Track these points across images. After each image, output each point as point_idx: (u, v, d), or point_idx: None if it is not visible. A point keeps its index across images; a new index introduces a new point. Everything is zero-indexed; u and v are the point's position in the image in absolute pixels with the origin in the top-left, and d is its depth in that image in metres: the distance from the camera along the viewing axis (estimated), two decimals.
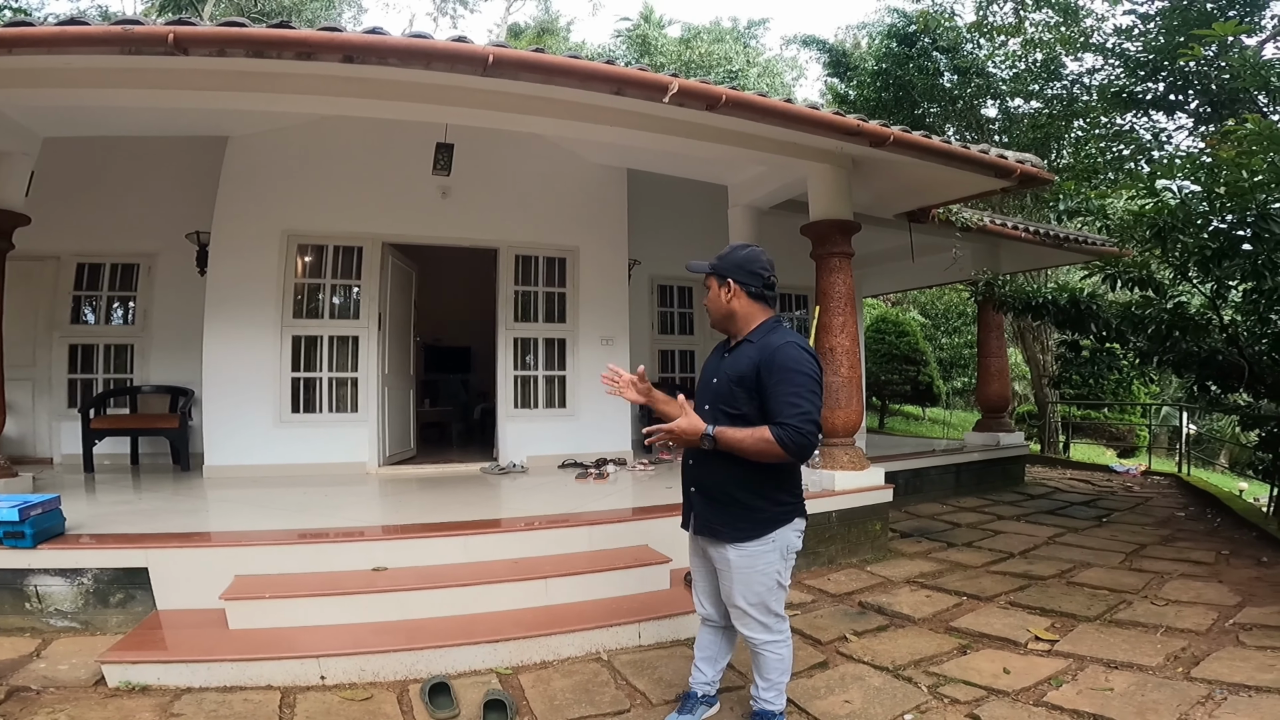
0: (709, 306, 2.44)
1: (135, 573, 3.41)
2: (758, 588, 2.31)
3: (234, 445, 6.03)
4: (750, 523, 2.29)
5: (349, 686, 2.91)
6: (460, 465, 6.75)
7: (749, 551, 2.28)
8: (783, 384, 2.16)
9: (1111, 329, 6.74)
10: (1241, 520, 6.22)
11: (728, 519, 2.30)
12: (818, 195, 5.36)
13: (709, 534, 2.37)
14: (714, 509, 2.33)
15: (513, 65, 3.70)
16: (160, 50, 3.36)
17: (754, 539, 2.28)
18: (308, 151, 6.39)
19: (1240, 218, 5.02)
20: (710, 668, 2.63)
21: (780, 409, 2.14)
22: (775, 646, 2.40)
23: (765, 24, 27.69)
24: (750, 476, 2.25)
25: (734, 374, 2.29)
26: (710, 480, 2.33)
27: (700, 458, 2.33)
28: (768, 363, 2.19)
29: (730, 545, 2.30)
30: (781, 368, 2.17)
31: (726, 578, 2.35)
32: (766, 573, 2.31)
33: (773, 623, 2.37)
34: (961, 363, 17.18)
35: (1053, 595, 4.10)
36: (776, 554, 2.31)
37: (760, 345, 2.26)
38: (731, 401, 2.27)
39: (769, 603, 2.34)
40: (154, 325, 6.97)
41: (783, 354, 2.20)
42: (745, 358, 2.28)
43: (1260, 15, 7.34)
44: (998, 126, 12.40)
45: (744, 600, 2.33)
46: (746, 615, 2.35)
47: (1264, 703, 2.67)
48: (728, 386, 2.29)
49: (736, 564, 2.30)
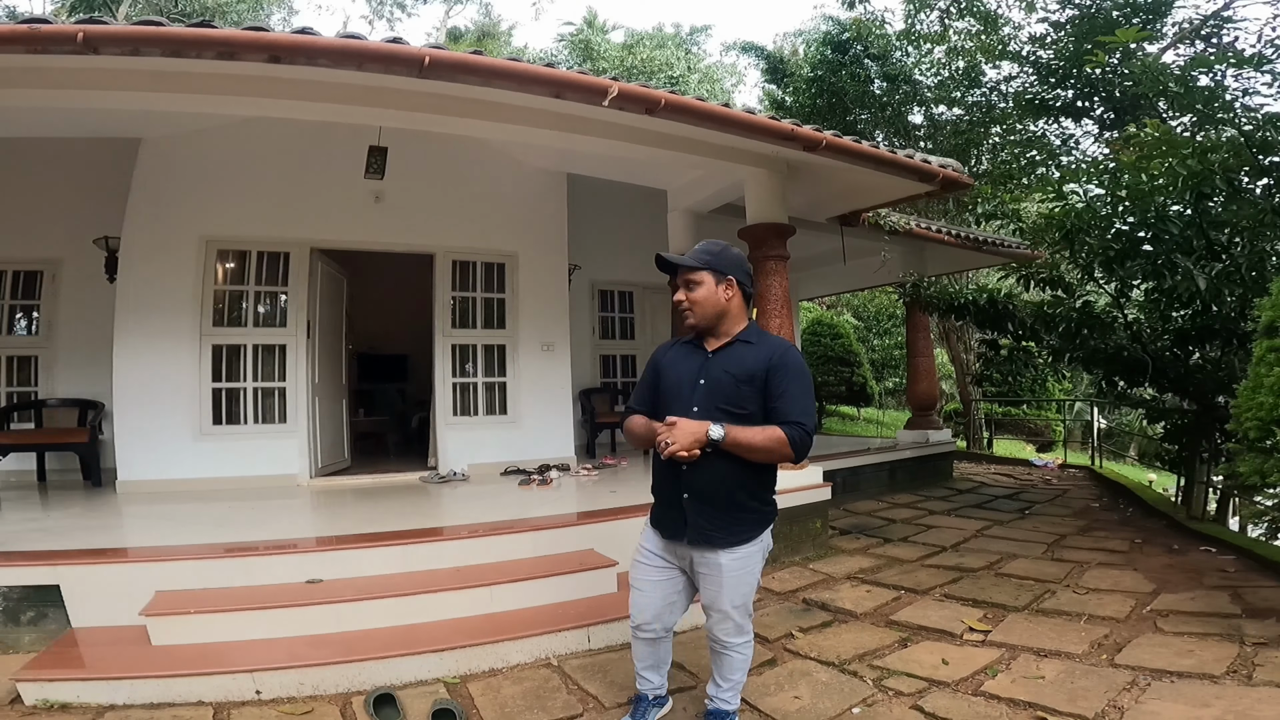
0: (698, 304, 2.32)
1: (47, 590, 3.22)
2: (744, 590, 2.34)
3: (150, 459, 5.70)
4: (746, 526, 2.30)
5: (287, 700, 2.79)
6: (398, 475, 6.56)
7: (741, 555, 2.29)
8: (794, 386, 2.22)
9: (1027, 328, 7.09)
10: (1152, 510, 6.59)
11: (726, 524, 2.27)
12: (754, 199, 5.47)
13: (704, 542, 2.30)
14: (712, 515, 2.27)
15: (449, 67, 3.64)
16: (69, 49, 3.17)
17: (747, 542, 2.30)
18: (229, 154, 6.11)
19: (1141, 220, 5.36)
20: (656, 674, 2.61)
21: (790, 410, 2.19)
22: (744, 648, 2.44)
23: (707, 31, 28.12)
24: (751, 478, 2.27)
25: (742, 374, 2.25)
26: (712, 485, 2.25)
27: (699, 463, 2.21)
28: (780, 364, 2.23)
29: (724, 551, 2.28)
30: (793, 371, 2.24)
31: (714, 583, 2.32)
32: (754, 573, 2.35)
33: (746, 624, 2.41)
34: (893, 363, 17.78)
35: (983, 587, 4.26)
36: (760, 555, 2.36)
37: (765, 346, 2.29)
38: (739, 401, 2.24)
39: (749, 604, 2.39)
40: (59, 335, 6.54)
41: (791, 357, 2.28)
42: (751, 358, 2.27)
43: (1161, 23, 7.87)
44: (923, 133, 12.93)
45: (730, 604, 2.32)
46: (729, 619, 2.35)
47: (1186, 688, 2.79)
48: (735, 387, 2.25)
49: (729, 569, 2.28)
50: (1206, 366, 6.11)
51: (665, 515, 2.39)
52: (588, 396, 8.06)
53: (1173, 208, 5.23)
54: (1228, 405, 4.47)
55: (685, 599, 2.51)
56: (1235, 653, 3.09)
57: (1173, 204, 5.22)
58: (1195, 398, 6.39)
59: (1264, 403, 3.58)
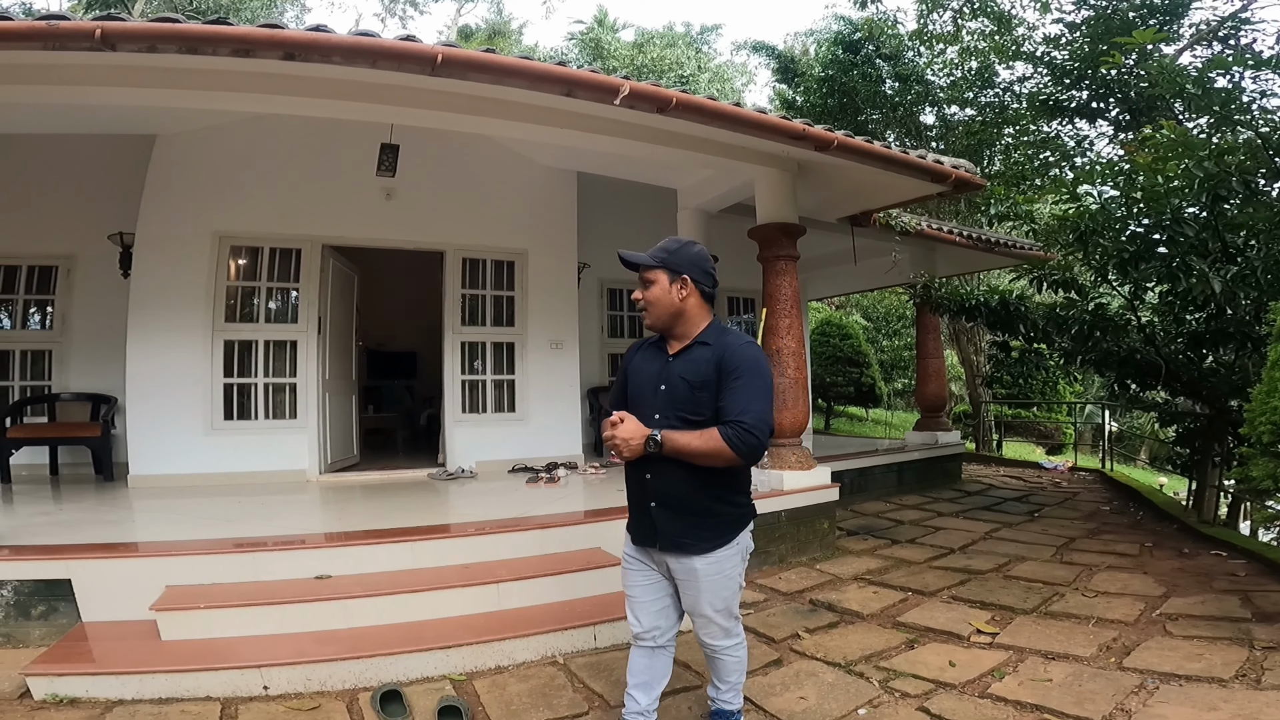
0: (653, 303, 2.24)
1: (57, 584, 3.24)
2: (724, 593, 2.28)
3: (161, 454, 5.75)
4: (717, 530, 2.23)
5: (295, 696, 2.81)
6: (407, 471, 6.59)
7: (716, 559, 2.22)
8: (739, 383, 2.10)
9: (1038, 330, 7.05)
10: (1163, 513, 6.54)
11: (695, 530, 2.21)
12: (765, 199, 5.46)
13: (675, 549, 2.24)
14: (680, 522, 2.21)
15: (462, 65, 3.64)
16: (86, 46, 3.19)
17: (721, 546, 2.23)
18: (243, 151, 6.16)
19: (1156, 222, 5.31)
20: (645, 695, 2.39)
21: (732, 408, 2.08)
22: (735, 650, 2.40)
23: (717, 30, 28.14)
24: (713, 482, 2.18)
25: (695, 379, 2.18)
26: (674, 492, 2.19)
27: (659, 470, 2.18)
28: (727, 363, 2.14)
29: (698, 556, 2.22)
30: (740, 368, 2.13)
31: (692, 588, 2.26)
32: (732, 576, 2.28)
33: (733, 626, 2.36)
34: (901, 364, 17.71)
35: (991, 589, 4.23)
36: (739, 557, 2.29)
37: (718, 346, 2.19)
38: (695, 408, 2.16)
39: (732, 607, 2.34)
40: (73, 330, 6.59)
41: (742, 354, 2.16)
42: (704, 361, 2.18)
43: (1178, 24, 7.79)
44: (935, 133, 12.86)
45: (711, 608, 2.28)
46: (711, 623, 2.31)
47: (1194, 691, 2.78)
48: (690, 393, 2.17)
49: (704, 573, 2.22)
50: (1220, 370, 6.06)
51: (638, 523, 2.34)
52: (596, 395, 8.06)
53: (1188, 210, 5.18)
54: (1241, 409, 4.44)
55: (677, 603, 2.39)
56: (1244, 656, 3.07)
57: (1188, 206, 5.17)
58: (1208, 401, 6.33)
59: (1278, 407, 3.55)
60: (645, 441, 2.09)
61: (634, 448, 2.10)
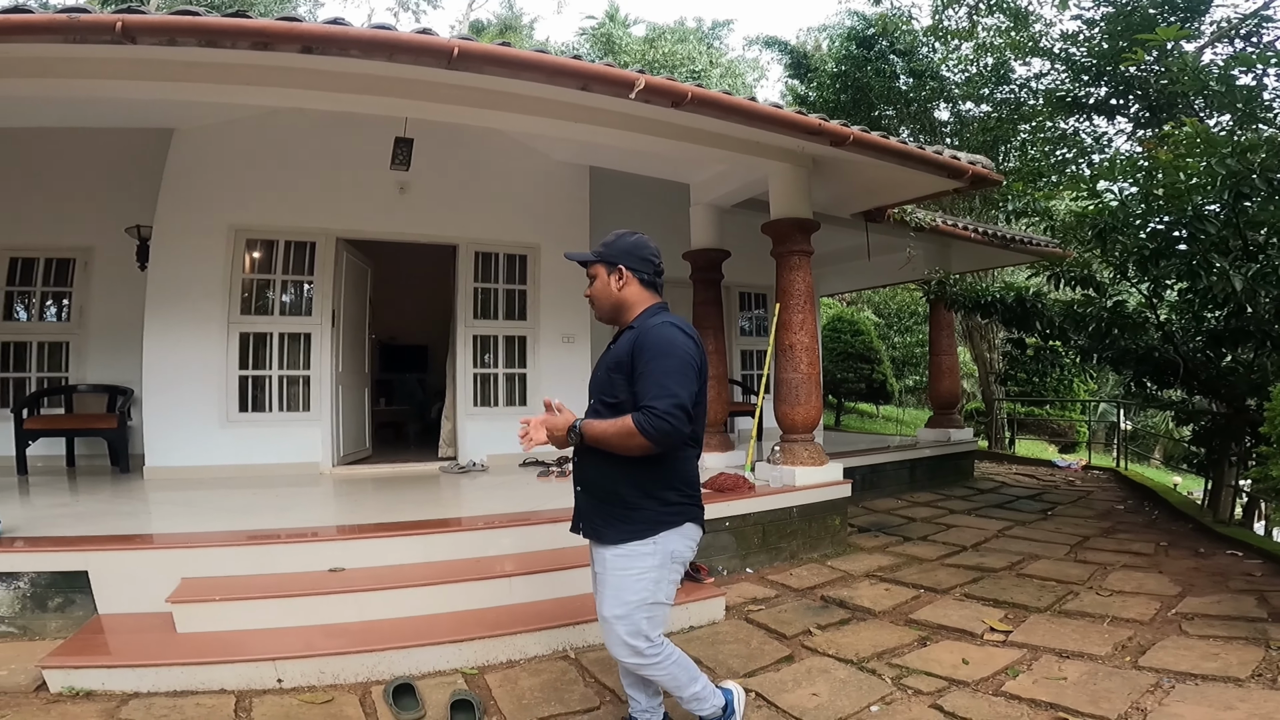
0: (595, 297, 2.24)
1: (74, 576, 3.26)
2: (629, 596, 2.08)
3: (177, 446, 5.81)
4: (632, 522, 2.09)
5: (308, 689, 2.82)
6: (418, 464, 6.63)
7: (625, 552, 2.08)
8: (651, 364, 1.99)
9: (1055, 327, 6.98)
10: (1178, 513, 6.48)
11: (609, 517, 2.12)
12: (778, 194, 5.43)
13: (592, 535, 2.19)
14: (596, 507, 2.16)
15: (478, 59, 3.64)
16: (107, 39, 3.21)
17: (632, 539, 2.08)
18: (259, 144, 6.19)
19: (1176, 219, 5.24)
20: (641, 693, 2.34)
21: (645, 391, 1.97)
22: (653, 670, 2.15)
23: (729, 25, 27.97)
24: (634, 472, 2.07)
25: (612, 360, 2.13)
26: (593, 476, 2.16)
27: (584, 455, 2.17)
28: (640, 343, 2.04)
29: (609, 546, 2.11)
30: (652, 348, 2.01)
31: (601, 584, 2.16)
32: (641, 578, 2.08)
33: (643, 646, 2.10)
34: (913, 361, 17.62)
35: (1004, 587, 4.21)
36: (656, 559, 2.09)
37: (639, 329, 2.11)
38: (610, 389, 2.11)
39: (638, 620, 2.09)
40: (91, 322, 6.67)
41: (655, 334, 2.04)
42: (624, 343, 2.12)
43: (1199, 21, 7.68)
44: (949, 129, 12.76)
45: (611, 612, 2.09)
46: (613, 631, 2.10)
47: (1210, 691, 2.75)
48: (607, 375, 2.14)
49: (611, 565, 2.10)
50: (1239, 369, 5.99)
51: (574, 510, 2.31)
52: None
53: (1209, 207, 5.11)
54: (1259, 408, 4.38)
55: None
56: (1260, 656, 3.04)
57: (1209, 203, 5.09)
58: (1226, 400, 6.26)
59: None
60: (567, 433, 2.07)
61: (557, 439, 2.09)
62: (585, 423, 2.06)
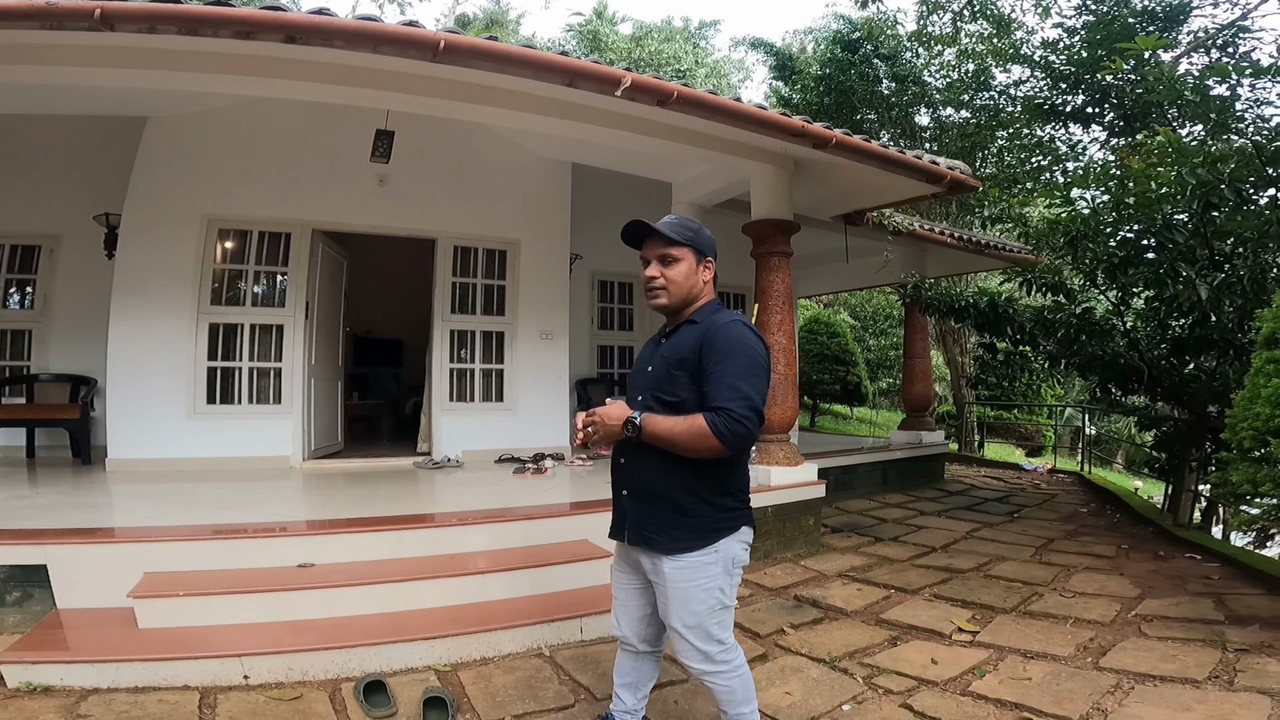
0: (674, 282, 2.07)
1: (33, 570, 3.18)
2: (696, 607, 2.00)
3: (142, 437, 5.67)
4: (690, 531, 1.99)
5: (276, 686, 2.77)
6: (392, 459, 6.55)
7: (687, 564, 1.98)
8: (724, 364, 1.90)
9: (1025, 332, 7.11)
10: (1139, 516, 6.63)
11: (663, 525, 2.00)
12: (760, 195, 5.45)
13: (643, 544, 2.05)
14: (648, 515, 2.03)
15: (465, 52, 3.60)
16: (85, 25, 3.12)
17: (694, 550, 1.99)
18: (235, 134, 6.06)
19: (1146, 228, 5.37)
20: (630, 695, 2.31)
21: (718, 392, 1.87)
22: (721, 679, 2.07)
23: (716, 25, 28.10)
24: (690, 476, 1.97)
25: (673, 357, 2.02)
26: (644, 481, 2.04)
27: (632, 456, 2.04)
28: (709, 341, 1.95)
29: (666, 557, 2.00)
30: (725, 347, 1.92)
31: (662, 594, 2.05)
32: (708, 589, 2.00)
33: (715, 651, 2.04)
34: (888, 363, 17.83)
35: (972, 588, 4.28)
36: (719, 568, 2.01)
37: (705, 325, 2.02)
38: (669, 387, 2.00)
39: (709, 627, 2.03)
40: (55, 310, 6.48)
41: (727, 332, 1.95)
42: (687, 338, 2.02)
43: (1177, 31, 7.85)
44: (929, 134, 12.93)
45: (680, 622, 2.02)
46: (683, 640, 2.04)
47: (1168, 692, 2.82)
48: (665, 370, 2.03)
49: (673, 578, 2.00)
50: (1201, 376, 6.14)
51: (614, 513, 2.20)
52: (584, 386, 8.04)
53: (1178, 216, 5.24)
54: (1220, 415, 4.50)
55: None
56: (1218, 658, 3.12)
57: (1178, 213, 5.22)
58: (1188, 406, 6.42)
59: (1260, 413, 3.61)
60: (624, 424, 1.92)
61: (610, 430, 1.94)
62: (646, 416, 1.91)
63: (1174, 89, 6.03)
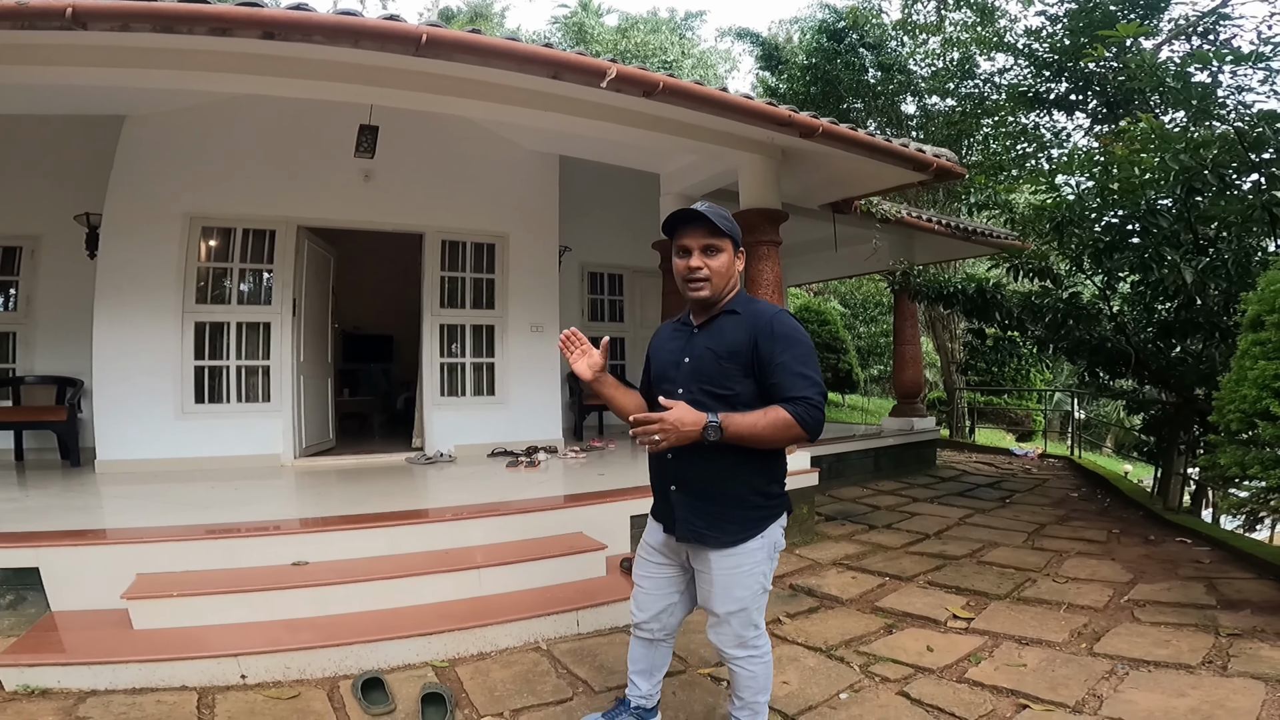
0: (718, 273, 2.03)
1: (25, 573, 3.16)
2: (741, 593, 2.06)
3: (130, 438, 5.61)
4: (742, 523, 2.04)
5: (273, 685, 2.77)
6: (384, 456, 6.52)
7: (736, 553, 2.04)
8: (790, 355, 1.92)
9: (1013, 318, 7.15)
10: (1129, 500, 6.70)
11: (719, 519, 2.04)
12: (748, 185, 5.44)
13: (694, 539, 2.08)
14: (701, 510, 2.05)
15: (447, 46, 3.57)
16: (57, 24, 3.07)
17: (744, 540, 2.04)
18: (216, 131, 5.97)
19: (1130, 213, 5.40)
20: (645, 681, 2.38)
21: (790, 384, 1.89)
22: (750, 663, 2.14)
23: (702, 16, 27.97)
24: (745, 469, 2.00)
25: (723, 349, 1.99)
26: (702, 476, 2.04)
27: (685, 451, 1.95)
28: (766, 331, 1.95)
29: (715, 551, 2.05)
30: (785, 337, 1.94)
31: (707, 582, 2.11)
32: (753, 574, 2.07)
33: (751, 636, 2.12)
34: (878, 351, 17.90)
35: (966, 574, 4.31)
36: (765, 553, 2.08)
37: (750, 314, 2.02)
38: (721, 380, 1.99)
39: (751, 611, 2.10)
40: (38, 312, 6.41)
41: (782, 321, 1.98)
42: (735, 330, 2.01)
43: (1158, 18, 7.89)
44: (915, 123, 12.93)
45: (723, 609, 2.08)
46: (725, 625, 2.10)
47: (1163, 677, 2.83)
48: (716, 364, 1.99)
49: (721, 568, 2.06)
50: (1188, 359, 6.19)
51: (659, 508, 2.22)
52: (576, 379, 8.01)
53: (1162, 202, 5.27)
54: (1208, 398, 4.54)
55: (688, 600, 2.30)
56: (1210, 643, 3.14)
57: (1162, 198, 5.25)
58: (1176, 390, 6.47)
59: (1247, 395, 3.63)
60: (704, 429, 1.83)
61: (686, 434, 1.84)
62: (726, 417, 1.85)
63: (1156, 76, 6.07)
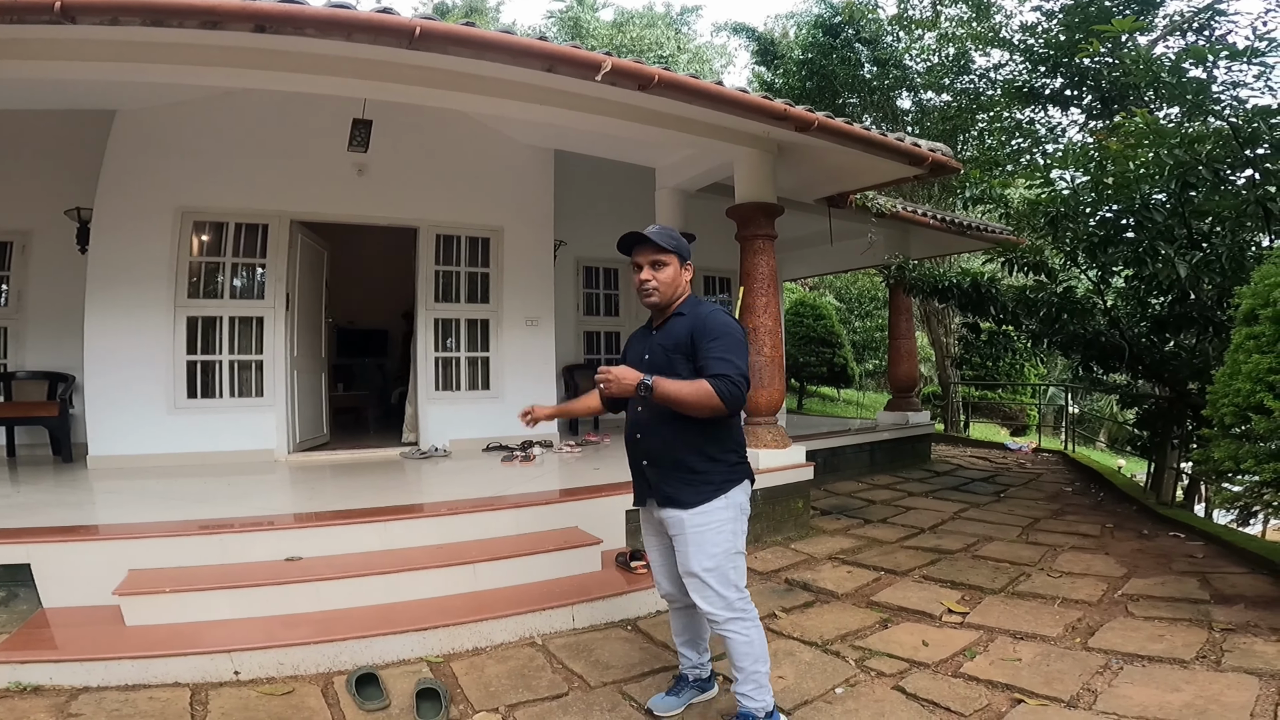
0: (665, 284, 2.44)
1: (16, 569, 3.14)
2: (713, 550, 2.33)
3: (122, 434, 5.58)
4: (708, 484, 2.35)
5: (267, 681, 2.76)
6: (378, 450, 6.50)
7: (704, 510, 2.33)
8: (715, 343, 2.29)
9: (1008, 312, 7.16)
10: (1122, 495, 6.70)
11: (684, 484, 2.36)
12: (744, 179, 5.42)
13: (669, 503, 2.38)
14: (668, 476, 2.38)
15: (441, 38, 3.54)
16: (45, 19, 3.03)
17: (710, 499, 2.34)
18: (208, 126, 5.93)
19: (1125, 208, 5.41)
20: (693, 650, 2.66)
21: (714, 365, 2.25)
22: (738, 625, 2.35)
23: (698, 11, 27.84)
24: (700, 439, 2.34)
25: (670, 344, 2.39)
26: (661, 448, 2.39)
27: (648, 429, 2.41)
28: (701, 326, 2.34)
29: (687, 510, 2.34)
30: (714, 329, 2.32)
31: (682, 543, 2.37)
32: (722, 531, 2.35)
33: (734, 598, 2.36)
34: (873, 345, 17.90)
35: (961, 569, 4.31)
36: (730, 514, 2.37)
37: (692, 315, 2.41)
38: (669, 371, 2.32)
39: (727, 570, 2.35)
40: (29, 307, 6.36)
41: (714, 318, 2.37)
42: (680, 328, 2.40)
43: (1153, 14, 7.89)
44: (911, 118, 12.94)
45: (700, 565, 2.33)
46: (705, 586, 2.34)
47: (1157, 672, 2.84)
48: (665, 357, 2.38)
49: (691, 525, 2.33)
50: (1181, 354, 6.21)
51: (637, 484, 2.54)
52: (571, 373, 8.02)
53: (1156, 196, 5.27)
54: (1201, 392, 4.54)
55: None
56: (1204, 638, 3.14)
57: (1156, 193, 5.25)
58: (1169, 384, 6.49)
59: (1241, 389, 3.63)
60: (637, 385, 2.21)
61: (625, 386, 2.22)
62: (657, 379, 2.22)
63: (1150, 71, 6.07)
